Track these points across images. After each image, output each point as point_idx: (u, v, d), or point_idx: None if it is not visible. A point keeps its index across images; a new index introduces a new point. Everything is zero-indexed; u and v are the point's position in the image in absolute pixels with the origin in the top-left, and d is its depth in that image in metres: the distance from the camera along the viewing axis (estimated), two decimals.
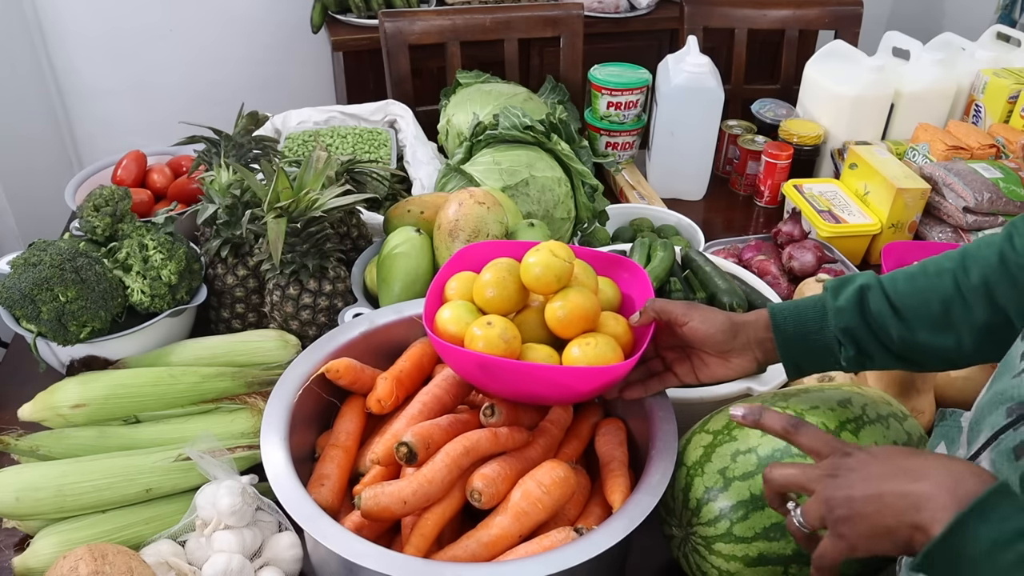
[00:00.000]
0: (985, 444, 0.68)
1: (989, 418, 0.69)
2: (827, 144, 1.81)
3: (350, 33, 2.50)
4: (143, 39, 2.71)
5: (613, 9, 2.64)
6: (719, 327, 0.88)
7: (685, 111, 1.73)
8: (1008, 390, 0.68)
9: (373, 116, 1.76)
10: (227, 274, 1.23)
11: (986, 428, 0.69)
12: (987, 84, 1.81)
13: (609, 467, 0.91)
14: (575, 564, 0.76)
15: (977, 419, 0.73)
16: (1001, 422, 0.67)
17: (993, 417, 0.69)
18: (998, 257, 0.80)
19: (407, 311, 1.06)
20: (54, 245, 1.13)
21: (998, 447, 0.66)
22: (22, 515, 0.94)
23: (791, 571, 0.83)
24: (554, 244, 0.91)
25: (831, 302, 0.86)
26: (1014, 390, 0.67)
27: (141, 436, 1.03)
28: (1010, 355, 0.72)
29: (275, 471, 0.84)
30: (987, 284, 0.80)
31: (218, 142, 1.31)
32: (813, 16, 2.16)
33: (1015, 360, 0.70)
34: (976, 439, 0.71)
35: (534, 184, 1.38)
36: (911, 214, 1.54)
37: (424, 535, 0.83)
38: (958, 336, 0.82)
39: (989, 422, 0.69)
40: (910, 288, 0.84)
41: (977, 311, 0.81)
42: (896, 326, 0.84)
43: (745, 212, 1.79)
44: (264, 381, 1.10)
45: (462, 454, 0.85)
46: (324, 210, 1.12)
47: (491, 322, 0.87)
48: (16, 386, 1.18)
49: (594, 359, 0.86)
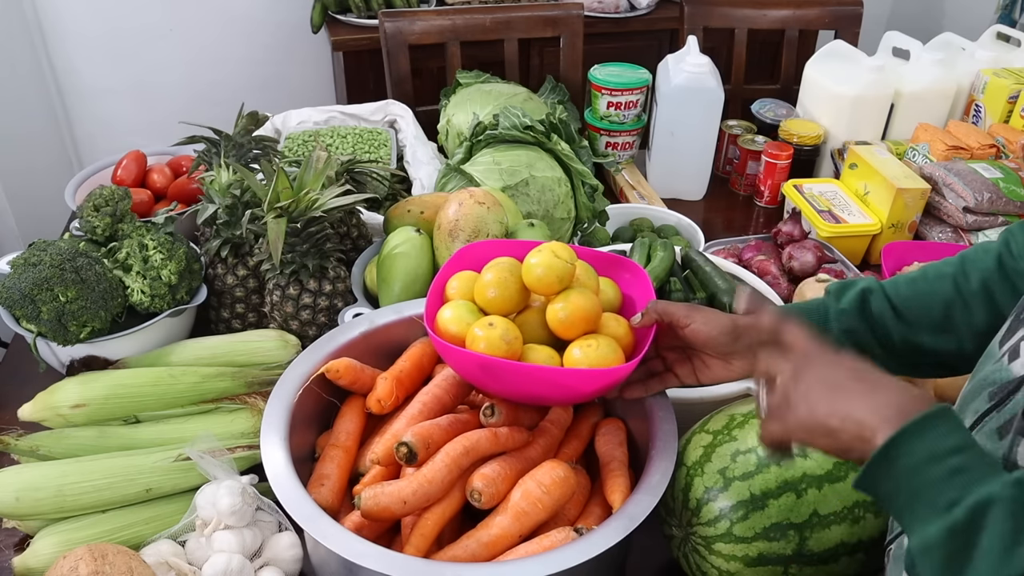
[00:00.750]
0: (971, 428, 0.70)
1: (972, 404, 0.71)
2: (827, 144, 1.81)
3: (350, 33, 2.50)
4: (143, 39, 2.71)
5: (613, 9, 2.64)
6: (721, 329, 0.88)
7: (685, 111, 1.73)
8: (989, 376, 0.70)
9: (373, 116, 1.76)
10: (227, 274, 1.23)
11: (969, 414, 0.71)
12: (987, 84, 1.81)
13: (609, 467, 0.91)
14: (575, 564, 0.76)
15: (961, 408, 0.74)
16: (984, 406, 0.68)
17: (976, 403, 0.70)
18: (996, 262, 0.82)
19: (407, 311, 1.06)
20: (54, 245, 1.13)
21: (982, 429, 0.67)
22: (22, 515, 0.94)
23: (791, 571, 0.83)
24: (556, 245, 0.91)
25: (833, 304, 0.87)
26: (995, 375, 0.68)
27: (141, 436, 1.03)
28: (991, 346, 0.74)
29: (275, 471, 0.84)
30: (987, 288, 0.82)
31: (218, 142, 1.31)
32: (813, 16, 2.16)
33: (995, 349, 0.72)
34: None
35: (534, 184, 1.38)
36: (911, 214, 1.54)
37: (424, 535, 0.83)
38: (959, 339, 0.83)
39: (972, 408, 0.71)
40: (911, 291, 0.85)
41: (977, 314, 0.82)
42: (898, 328, 0.84)
43: (745, 212, 1.79)
44: (264, 381, 1.10)
45: (462, 454, 0.85)
46: (324, 210, 1.12)
47: (493, 323, 0.87)
48: (16, 386, 1.18)
49: (595, 361, 0.86)
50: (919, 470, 0.55)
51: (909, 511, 0.56)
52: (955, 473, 0.54)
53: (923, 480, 0.55)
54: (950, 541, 0.52)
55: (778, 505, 0.82)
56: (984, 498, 0.52)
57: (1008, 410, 0.65)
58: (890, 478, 0.57)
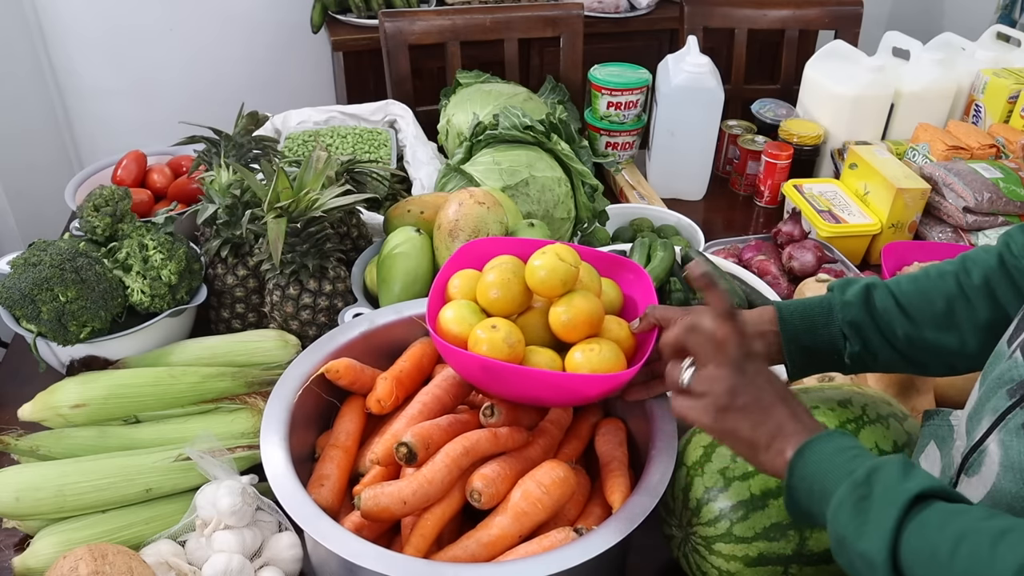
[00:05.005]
0: (990, 429, 0.70)
1: (989, 403, 0.71)
2: (827, 144, 1.81)
3: (350, 33, 2.50)
4: (143, 39, 2.71)
5: (613, 9, 2.64)
6: None
7: (685, 111, 1.73)
8: (1005, 374, 0.70)
9: (373, 116, 1.76)
10: (227, 274, 1.23)
11: (988, 414, 0.71)
12: (987, 84, 1.81)
13: (609, 467, 0.91)
14: (575, 564, 0.76)
15: (976, 409, 0.74)
16: (1004, 404, 0.69)
17: (994, 402, 0.71)
18: (998, 260, 0.83)
19: (407, 311, 1.06)
20: (54, 245, 1.13)
21: (1006, 427, 0.68)
22: (22, 515, 0.94)
23: (791, 571, 0.83)
24: (560, 247, 0.90)
25: (838, 297, 0.88)
26: (1011, 372, 0.70)
27: (141, 436, 1.03)
28: (999, 346, 0.75)
29: (275, 471, 0.84)
30: (988, 284, 0.83)
31: (218, 142, 1.31)
32: (813, 16, 2.16)
33: (1004, 348, 0.73)
34: (977, 427, 0.72)
35: (534, 184, 1.38)
36: (911, 214, 1.54)
37: (424, 535, 0.83)
38: (961, 335, 0.84)
39: (990, 407, 0.71)
40: (914, 288, 0.87)
41: (980, 309, 0.83)
42: (901, 323, 0.85)
43: (745, 212, 1.79)
44: (264, 381, 1.10)
45: (462, 454, 0.85)
46: (324, 210, 1.12)
47: (496, 325, 0.87)
48: (16, 386, 1.18)
49: (597, 365, 0.86)
50: (829, 459, 0.68)
51: (821, 489, 0.67)
52: (854, 457, 0.67)
53: (832, 464, 0.67)
54: (853, 491, 0.64)
55: (778, 505, 0.82)
56: (876, 463, 0.65)
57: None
58: (805, 469, 0.69)
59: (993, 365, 0.74)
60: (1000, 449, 0.68)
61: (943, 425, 0.85)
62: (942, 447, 0.83)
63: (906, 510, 0.61)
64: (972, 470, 0.72)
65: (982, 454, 0.71)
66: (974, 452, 0.72)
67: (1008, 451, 0.67)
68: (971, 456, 0.73)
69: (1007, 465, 0.67)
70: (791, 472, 0.70)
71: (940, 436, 0.84)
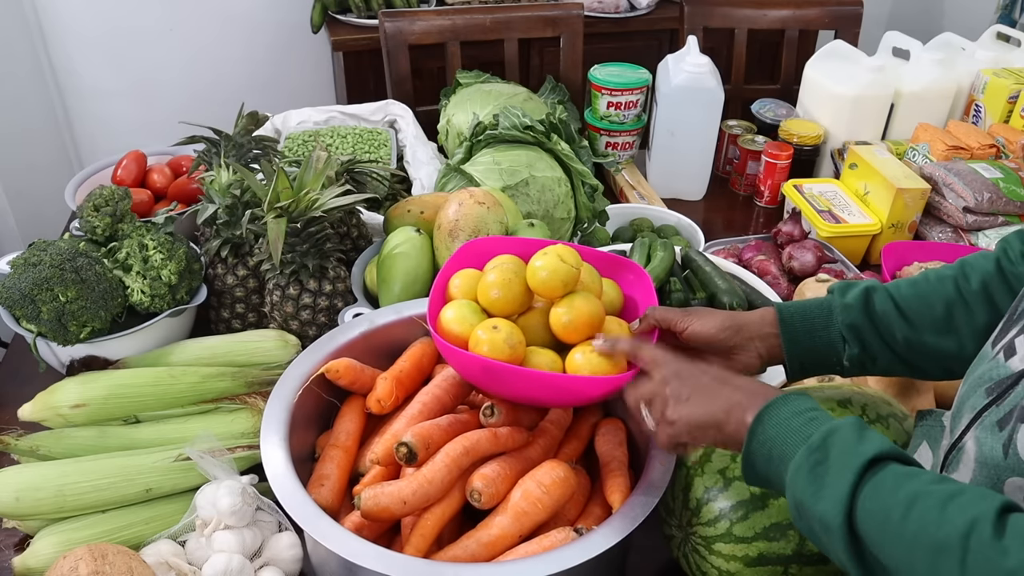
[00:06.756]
0: (968, 425, 0.71)
1: (969, 402, 0.72)
2: (827, 144, 1.81)
3: (350, 33, 2.50)
4: (143, 39, 2.71)
5: (613, 9, 2.64)
6: (719, 325, 0.88)
7: (685, 111, 1.73)
8: (985, 373, 0.72)
9: (373, 116, 1.76)
10: (227, 274, 1.23)
11: (967, 411, 0.72)
12: (987, 84, 1.81)
13: (609, 467, 0.91)
14: (575, 564, 0.76)
15: (958, 407, 0.75)
16: (982, 402, 0.70)
17: (973, 400, 0.72)
18: (995, 266, 0.84)
19: (407, 311, 1.06)
20: (54, 245, 1.13)
21: (982, 424, 0.69)
22: (22, 515, 0.94)
23: (791, 571, 0.83)
24: (562, 248, 0.90)
25: (837, 300, 0.89)
26: (991, 372, 0.71)
27: (141, 436, 1.03)
28: (984, 348, 0.76)
29: (275, 471, 0.84)
30: (986, 288, 0.84)
31: (218, 142, 1.31)
32: (813, 16, 2.16)
33: (988, 350, 0.74)
34: (958, 425, 0.73)
35: (534, 184, 1.38)
36: (911, 214, 1.54)
37: (424, 535, 0.83)
38: (959, 339, 0.84)
39: (969, 405, 0.72)
40: (913, 292, 0.87)
41: (978, 314, 0.84)
42: (900, 326, 0.85)
43: (745, 212, 1.79)
44: (264, 381, 1.10)
45: (462, 454, 0.85)
46: (324, 210, 1.12)
47: (497, 326, 0.87)
48: (16, 386, 1.18)
49: (598, 367, 0.86)
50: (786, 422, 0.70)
51: (780, 455, 0.69)
52: (811, 421, 0.69)
53: (789, 427, 0.69)
54: (809, 456, 0.66)
55: (778, 505, 0.83)
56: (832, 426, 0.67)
57: (1008, 403, 0.67)
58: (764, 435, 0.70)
59: (976, 367, 0.75)
60: (976, 445, 0.69)
61: (936, 425, 0.86)
62: (934, 447, 0.83)
63: (861, 474, 0.62)
64: (952, 467, 0.73)
65: (960, 451, 0.72)
66: (953, 449, 0.73)
67: (982, 447, 0.68)
68: (950, 453, 0.73)
69: (981, 461, 0.68)
70: (751, 437, 0.71)
71: (932, 436, 0.85)
